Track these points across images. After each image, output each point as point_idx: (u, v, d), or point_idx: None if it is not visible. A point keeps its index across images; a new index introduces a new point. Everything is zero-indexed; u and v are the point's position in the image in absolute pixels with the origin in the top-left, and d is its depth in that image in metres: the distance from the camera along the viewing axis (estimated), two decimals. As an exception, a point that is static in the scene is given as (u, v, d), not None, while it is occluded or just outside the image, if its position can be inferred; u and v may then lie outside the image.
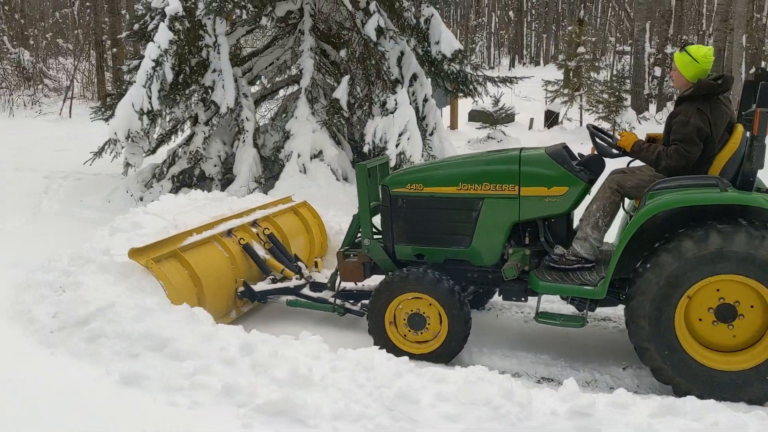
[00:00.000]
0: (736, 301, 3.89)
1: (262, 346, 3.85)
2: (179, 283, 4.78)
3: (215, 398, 3.48)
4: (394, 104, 9.20)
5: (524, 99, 22.95)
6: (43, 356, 4.05)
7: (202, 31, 9.28)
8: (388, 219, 4.91)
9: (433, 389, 3.34)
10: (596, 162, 4.56)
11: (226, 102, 9.31)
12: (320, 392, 3.45)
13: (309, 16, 9.87)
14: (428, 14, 10.17)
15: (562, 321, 4.38)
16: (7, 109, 22.12)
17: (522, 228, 4.66)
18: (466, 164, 4.80)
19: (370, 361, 3.62)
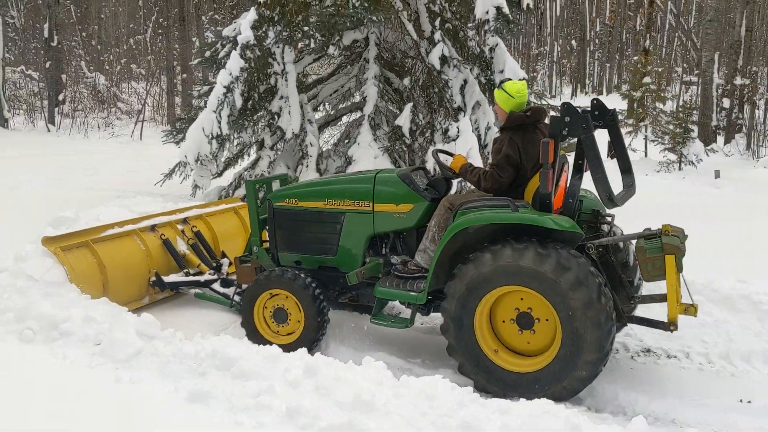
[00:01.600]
0: (532, 310, 4.39)
1: (325, 370, 3.88)
2: (83, 269, 5.43)
3: (279, 419, 3.51)
4: (457, 132, 9.24)
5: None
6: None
7: (271, 59, 9.55)
8: (272, 229, 5.56)
9: (498, 421, 3.31)
10: (441, 183, 5.17)
11: (291, 128, 9.53)
12: (383, 418, 3.45)
13: (374, 44, 10.04)
14: (493, 43, 10.20)
15: (391, 322, 4.94)
16: (82, 131, 23.08)
17: (379, 240, 5.25)
18: (332, 182, 5.46)
19: (434, 390, 3.61)
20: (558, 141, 4.34)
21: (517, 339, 4.50)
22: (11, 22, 31.45)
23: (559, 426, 3.19)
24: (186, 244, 6.43)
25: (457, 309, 4.45)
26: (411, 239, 5.21)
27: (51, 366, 4.25)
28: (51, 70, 25.22)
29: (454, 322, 4.49)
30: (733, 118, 23.02)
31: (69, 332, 4.61)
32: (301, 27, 9.00)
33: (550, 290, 4.19)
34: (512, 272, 4.26)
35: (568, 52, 54.56)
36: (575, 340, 4.17)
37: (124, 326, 4.49)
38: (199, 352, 4.17)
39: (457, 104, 9.62)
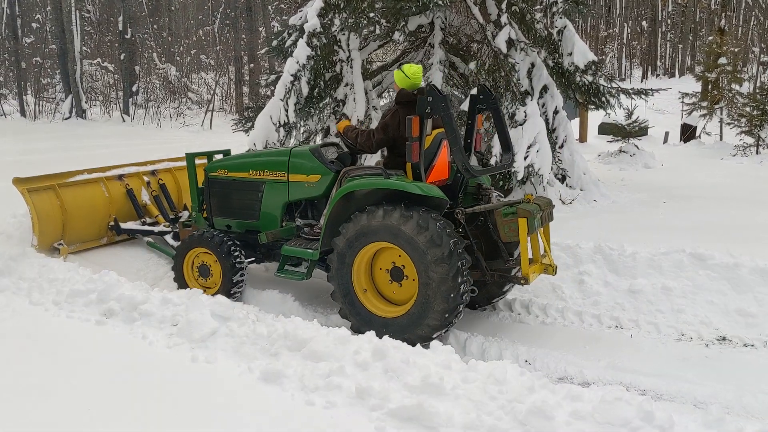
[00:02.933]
0: (404, 267, 4.96)
1: (394, 352, 3.93)
2: (46, 209, 6.30)
3: (349, 400, 3.58)
4: (524, 116, 9.11)
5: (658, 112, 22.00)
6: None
7: (336, 47, 9.61)
8: (207, 197, 6.26)
9: (569, 407, 3.28)
10: (347, 157, 5.84)
11: (356, 114, 9.58)
12: (452, 402, 3.47)
13: (439, 29, 9.98)
14: (561, 26, 10.00)
15: (290, 275, 5.61)
16: (155, 121, 23.81)
17: (294, 206, 5.96)
18: (255, 155, 6.12)
19: (503, 375, 3.60)
20: (423, 118, 4.87)
21: (388, 288, 5.13)
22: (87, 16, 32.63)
23: (631, 413, 3.14)
24: (149, 195, 7.21)
25: (340, 260, 5.06)
26: (320, 206, 5.85)
27: (131, 345, 4.44)
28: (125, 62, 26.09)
29: (336, 271, 5.11)
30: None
31: (148, 313, 4.80)
32: (367, 13, 9.01)
33: (411, 247, 4.74)
34: (381, 230, 4.83)
35: (638, 34, 52.78)
36: (427, 292, 4.73)
37: (199, 307, 4.65)
38: (272, 333, 4.29)
39: (524, 88, 9.48)
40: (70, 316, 4.94)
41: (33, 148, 16.40)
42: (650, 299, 5.76)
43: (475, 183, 5.62)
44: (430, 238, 4.68)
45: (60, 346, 4.42)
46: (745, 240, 7.07)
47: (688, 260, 6.12)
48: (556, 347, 5.00)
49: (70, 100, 24.64)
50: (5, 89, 30.12)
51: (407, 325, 4.87)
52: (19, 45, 28.27)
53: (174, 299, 4.96)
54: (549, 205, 5.32)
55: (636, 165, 13.56)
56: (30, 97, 27.02)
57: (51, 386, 3.81)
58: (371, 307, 5.09)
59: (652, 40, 50.22)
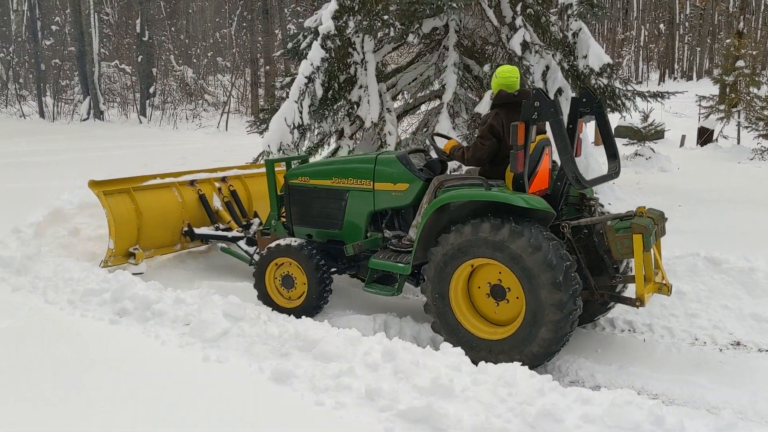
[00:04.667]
0: (508, 287, 4.60)
1: (404, 353, 3.93)
2: (122, 213, 6.17)
3: (359, 400, 3.59)
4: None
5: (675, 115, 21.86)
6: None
7: (351, 49, 9.64)
8: (287, 205, 6.03)
9: (579, 410, 3.26)
10: (436, 164, 5.54)
11: (370, 117, 9.60)
12: (461, 404, 3.46)
13: (454, 32, 9.98)
14: (576, 28, 9.97)
15: (379, 290, 5.30)
16: (172, 122, 23.99)
17: (379, 216, 5.65)
18: (339, 162, 5.86)
19: (513, 377, 3.59)
20: (529, 124, 4.51)
21: (486, 306, 4.77)
22: (106, 18, 32.98)
23: (642, 417, 3.12)
24: (221, 201, 7.05)
25: (436, 275, 4.74)
26: (408, 216, 5.56)
27: (144, 344, 4.48)
28: (143, 64, 26.32)
29: (432, 286, 4.78)
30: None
31: (161, 313, 4.84)
32: (381, 16, 9.04)
33: (518, 266, 4.40)
34: (485, 245, 4.50)
35: (655, 36, 52.43)
36: (534, 317, 4.37)
37: (212, 308, 4.68)
38: (283, 333, 4.31)
39: (538, 91, 9.44)
40: (84, 315, 4.99)
41: (51, 148, 16.59)
42: (664, 303, 5.71)
43: (577, 193, 5.19)
44: (543, 259, 4.30)
45: (74, 345, 4.46)
46: (761, 244, 7.01)
47: (703, 264, 6.08)
48: (568, 350, 4.96)
49: (88, 101, 24.89)
50: (25, 91, 30.50)
51: (508, 349, 4.51)
52: (39, 47, 28.61)
53: (187, 299, 5.00)
54: (661, 218, 4.87)
55: (652, 168, 13.48)
56: (49, 99, 27.33)
57: (64, 384, 3.85)
58: (469, 326, 4.72)
59: (670, 42, 49.86)
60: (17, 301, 5.31)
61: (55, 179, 11.12)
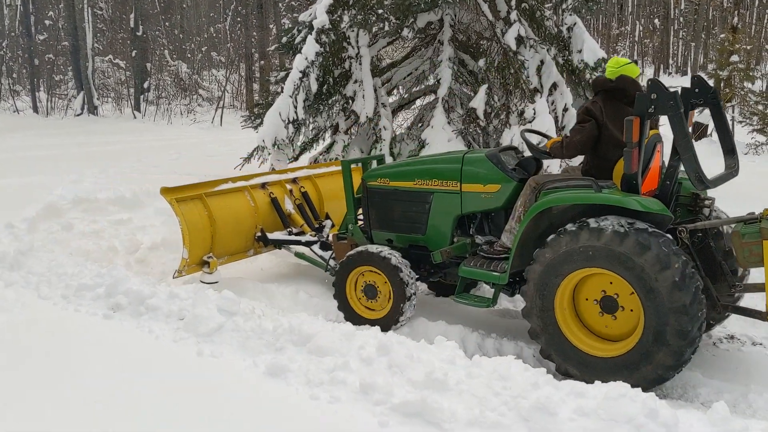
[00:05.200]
0: (618, 296, 4.22)
1: (398, 347, 3.93)
2: (196, 220, 5.83)
3: (354, 394, 3.58)
4: (533, 113, 9.08)
5: (670, 110, 21.82)
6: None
7: (345, 43, 9.63)
8: (366, 208, 5.71)
9: (573, 403, 3.27)
10: (530, 163, 5.11)
11: (365, 111, 9.59)
12: (455, 397, 3.46)
13: (449, 26, 9.97)
14: (571, 23, 9.96)
15: (473, 301, 4.97)
16: (166, 118, 23.94)
17: (467, 219, 5.28)
18: (421, 162, 5.51)
19: (507, 370, 3.60)
20: (644, 119, 4.16)
21: (597, 321, 4.36)
22: (100, 13, 32.83)
23: (635, 410, 3.13)
24: (293, 203, 6.70)
25: (538, 293, 4.36)
26: (499, 219, 5.17)
27: (138, 339, 4.47)
28: (137, 59, 26.23)
29: (534, 305, 4.40)
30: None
31: (155, 307, 4.83)
32: (376, 10, 9.02)
33: (631, 272, 3.98)
34: (607, 256, 4.05)
35: (650, 32, 52.47)
36: (657, 326, 3.95)
37: (206, 302, 4.67)
38: (277, 327, 4.30)
39: (533, 85, 9.45)
40: (77, 310, 4.97)
41: (44, 143, 16.52)
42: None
43: (690, 192, 4.79)
44: (672, 280, 3.88)
45: (67, 340, 4.45)
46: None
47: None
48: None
49: (82, 96, 24.79)
50: (18, 86, 30.36)
51: (630, 365, 4.09)
52: (33, 42, 28.47)
53: (181, 294, 4.98)
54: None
55: (646, 163, 13.48)
56: (42, 94, 27.21)
57: (58, 380, 3.83)
58: (581, 345, 4.31)
59: (665, 38, 49.91)
60: (10, 296, 5.28)
61: (48, 174, 11.08)
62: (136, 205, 8.41)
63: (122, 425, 3.35)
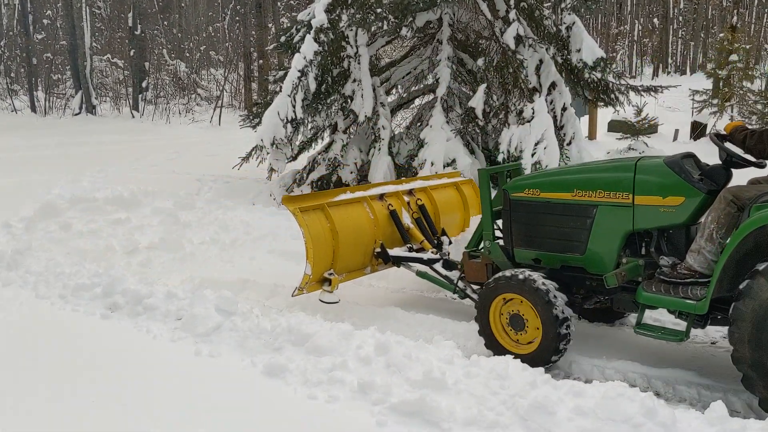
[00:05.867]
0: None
1: (396, 347, 3.93)
2: (318, 232, 5.28)
3: (352, 394, 3.58)
4: (531, 113, 9.08)
5: (668, 109, 21.85)
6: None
7: (344, 43, 9.62)
8: (508, 223, 5.01)
9: (571, 402, 3.26)
10: (720, 172, 4.31)
11: (364, 111, 9.58)
12: (454, 396, 3.46)
13: (448, 25, 9.97)
14: (570, 22, 9.96)
15: (661, 334, 4.23)
16: (164, 117, 23.91)
17: (638, 237, 4.51)
18: (581, 171, 4.80)
19: (505, 370, 3.59)
20: None
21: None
22: (98, 12, 32.79)
23: (634, 409, 3.12)
24: (410, 217, 6.13)
25: (754, 337, 3.62)
26: (678, 237, 4.43)
27: (136, 339, 4.46)
28: (135, 58, 26.21)
29: (750, 351, 3.65)
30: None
31: (152, 307, 4.82)
32: (374, 9, 9.01)
33: None
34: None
35: (649, 31, 52.47)
36: None
37: (203, 302, 4.66)
38: (275, 327, 4.30)
39: (532, 85, 9.45)
40: (75, 310, 4.97)
41: (42, 143, 16.50)
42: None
43: None
44: None
45: (65, 340, 4.44)
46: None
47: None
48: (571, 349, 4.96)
49: (80, 95, 24.76)
50: (17, 85, 30.32)
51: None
52: (31, 41, 28.43)
53: (179, 294, 4.98)
54: None
55: (645, 162, 13.49)
56: (40, 93, 27.18)
57: (56, 379, 3.83)
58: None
59: (664, 37, 49.91)
60: (8, 295, 5.28)
61: (46, 174, 11.07)
62: (134, 205, 8.41)
63: (117, 425, 3.34)
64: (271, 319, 4.51)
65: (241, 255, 6.98)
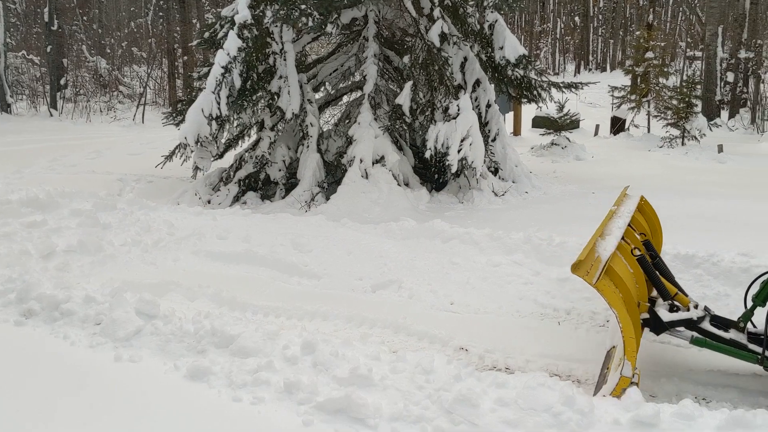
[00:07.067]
0: None
1: (323, 346, 3.91)
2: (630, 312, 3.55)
3: (277, 394, 3.54)
4: (457, 110, 9.21)
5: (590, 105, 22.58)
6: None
7: (269, 39, 9.51)
8: None
9: (494, 394, 3.33)
10: None
11: (291, 108, 9.50)
12: (380, 393, 3.48)
13: (373, 23, 9.98)
14: (492, 20, 10.14)
15: None
16: (84, 115, 23.08)
17: None
18: None
19: (430, 364, 3.63)
20: None
21: None
22: (13, 7, 31.31)
23: (554, 398, 3.21)
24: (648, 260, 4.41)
25: None
26: None
27: (52, 345, 4.28)
28: (52, 55, 25.16)
29: None
30: (737, 92, 22.85)
31: (70, 312, 4.64)
32: (299, 5, 8.93)
33: None
34: None
35: (571, 29, 54.05)
36: None
37: (124, 306, 4.52)
38: (199, 330, 4.21)
39: (457, 82, 9.58)
40: (-14, 318, 4.73)
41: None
42: (577, 287, 5.89)
43: None
44: None
45: (-25, 350, 4.23)
46: (670, 228, 7.33)
47: (614, 248, 6.31)
48: (488, 336, 5.05)
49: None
50: None
51: None
52: (-62, 36, 26.90)
53: (97, 297, 4.81)
54: None
55: (567, 157, 13.89)
56: (-50, 91, 25.77)
57: (-37, 391, 3.64)
58: None
59: (585, 35, 51.49)
60: None
61: (-45, 176, 10.50)
62: (51, 207, 8.05)
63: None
64: (195, 321, 4.41)
65: (165, 256, 6.79)
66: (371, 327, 5.13)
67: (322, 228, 7.41)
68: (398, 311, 5.42)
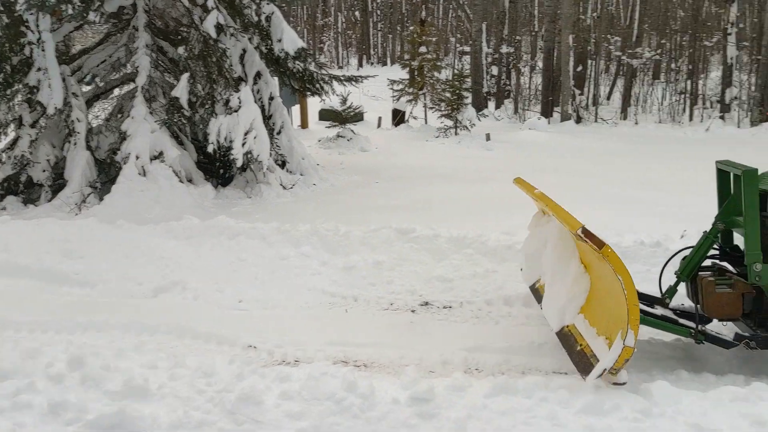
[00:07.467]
0: None
1: (92, 359, 3.63)
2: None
3: (41, 417, 3.22)
4: (238, 102, 9.03)
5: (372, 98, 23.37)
6: None
7: (24, 28, 8.62)
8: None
9: (278, 389, 3.31)
10: None
11: (53, 102, 8.70)
12: (157, 402, 3.30)
13: (143, 11, 9.44)
14: (269, 12, 10.06)
15: None
16: None
17: None
18: None
19: (211, 366, 3.52)
20: None
21: None
22: None
23: (336, 386, 3.26)
24: None
25: None
26: None
27: None
28: None
29: None
30: (502, 84, 25.00)
31: None
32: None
33: None
34: None
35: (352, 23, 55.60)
36: None
37: None
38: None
39: (237, 74, 9.39)
40: None
41: None
42: (363, 274, 6.07)
43: None
44: None
45: None
46: (444, 214, 7.84)
47: (395, 235, 6.60)
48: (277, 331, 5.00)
49: None
50: None
51: None
52: None
53: None
54: None
55: (353, 149, 14.26)
56: None
57: None
58: None
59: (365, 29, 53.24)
60: None
61: None
62: None
63: None
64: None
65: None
66: (152, 334, 4.82)
67: (95, 231, 6.88)
68: (183, 314, 5.17)
